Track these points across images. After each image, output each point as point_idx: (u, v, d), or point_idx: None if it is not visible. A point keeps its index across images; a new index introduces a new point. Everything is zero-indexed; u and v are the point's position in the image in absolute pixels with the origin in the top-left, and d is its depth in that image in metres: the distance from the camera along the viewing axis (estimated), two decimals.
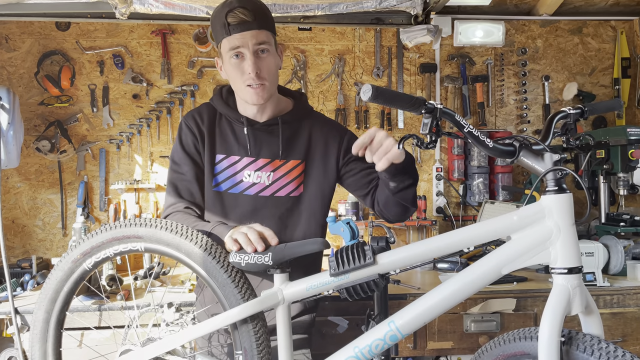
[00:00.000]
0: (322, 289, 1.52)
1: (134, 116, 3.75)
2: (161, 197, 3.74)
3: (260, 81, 1.85)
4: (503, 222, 1.39)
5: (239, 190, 1.95)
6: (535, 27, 4.01)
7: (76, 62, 3.71)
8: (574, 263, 1.31)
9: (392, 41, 3.92)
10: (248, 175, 1.95)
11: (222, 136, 1.98)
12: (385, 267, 1.46)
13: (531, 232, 1.35)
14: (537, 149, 1.39)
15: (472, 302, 2.62)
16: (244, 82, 1.86)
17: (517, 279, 2.80)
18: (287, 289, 1.55)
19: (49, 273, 1.77)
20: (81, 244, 1.68)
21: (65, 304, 1.71)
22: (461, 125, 1.38)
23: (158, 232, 1.61)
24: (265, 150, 1.97)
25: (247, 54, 1.83)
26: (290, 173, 1.98)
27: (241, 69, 1.85)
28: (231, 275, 1.57)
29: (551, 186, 1.34)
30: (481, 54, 3.99)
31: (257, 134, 1.97)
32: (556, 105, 4.00)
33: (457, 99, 3.92)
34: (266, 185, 1.95)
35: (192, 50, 3.78)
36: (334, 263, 1.48)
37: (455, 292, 1.40)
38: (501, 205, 3.49)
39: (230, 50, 1.84)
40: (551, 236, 1.32)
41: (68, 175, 3.70)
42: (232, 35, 1.82)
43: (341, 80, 3.87)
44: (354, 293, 1.48)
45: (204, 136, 1.97)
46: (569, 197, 1.33)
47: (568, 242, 1.31)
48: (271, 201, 1.95)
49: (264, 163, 1.96)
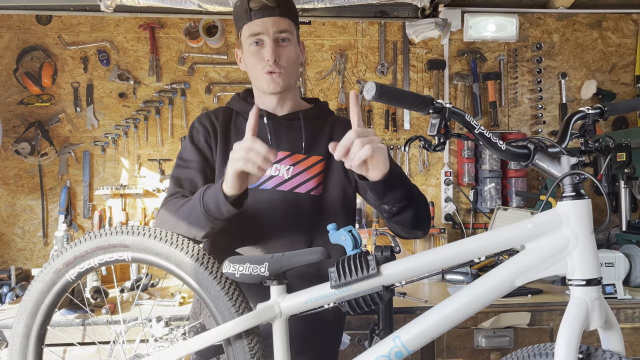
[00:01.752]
0: (323, 301, 1.50)
1: (120, 116, 3.76)
2: (149, 203, 3.75)
3: (278, 69, 1.91)
4: (516, 230, 1.38)
5: (255, 185, 1.94)
6: (551, 21, 4.03)
7: (58, 58, 3.72)
8: (592, 274, 1.30)
9: (397, 36, 3.93)
10: None
11: (238, 132, 2.00)
12: (390, 279, 1.46)
13: (547, 241, 1.33)
14: (553, 152, 1.38)
15: (484, 316, 2.62)
16: (262, 69, 1.92)
17: (531, 292, 2.81)
18: (284, 301, 1.54)
19: (28, 285, 1.77)
20: (63, 253, 1.67)
21: (46, 318, 1.71)
22: (472, 126, 1.37)
23: (146, 241, 1.61)
24: (285, 143, 1.98)
25: (267, 40, 1.89)
26: (311, 169, 1.98)
27: (260, 56, 1.91)
28: (224, 287, 1.56)
29: (568, 191, 1.34)
30: (493, 50, 4.00)
31: (276, 127, 2.00)
32: (573, 104, 4.01)
33: (468, 98, 3.93)
34: (285, 179, 1.95)
35: (183, 46, 3.79)
36: (335, 274, 1.47)
37: (465, 305, 1.39)
38: (515, 212, 3.50)
39: (250, 36, 1.90)
40: (568, 245, 1.31)
41: (49, 180, 3.71)
42: (253, 20, 1.89)
43: (343, 77, 3.88)
44: (356, 306, 1.47)
45: (217, 132, 2.01)
46: (587, 204, 1.32)
47: (586, 252, 1.30)
48: (290, 197, 1.93)
49: (283, 155, 1.97)
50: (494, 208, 3.72)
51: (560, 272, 1.33)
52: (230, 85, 3.80)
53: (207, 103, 3.79)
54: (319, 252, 1.52)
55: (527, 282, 1.36)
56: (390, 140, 3.88)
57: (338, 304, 1.48)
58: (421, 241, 3.69)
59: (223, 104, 3.72)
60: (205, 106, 3.78)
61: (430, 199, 3.88)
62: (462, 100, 3.91)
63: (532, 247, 1.35)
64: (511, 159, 1.41)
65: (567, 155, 1.35)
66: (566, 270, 1.32)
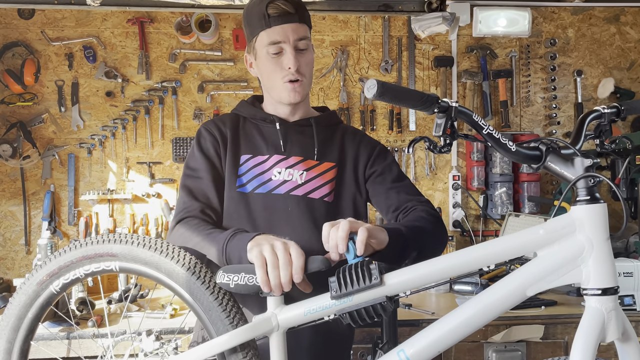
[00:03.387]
0: (322, 313, 1.50)
1: (108, 117, 3.77)
2: (138, 209, 3.76)
3: (300, 77, 1.96)
4: (527, 236, 1.38)
5: (267, 190, 1.98)
6: (566, 15, 4.04)
7: (41, 54, 3.73)
8: (609, 283, 1.30)
9: (402, 31, 3.95)
10: (278, 172, 1.99)
11: (248, 138, 2.06)
12: (394, 289, 1.46)
13: (560, 248, 1.33)
14: (566, 154, 1.39)
15: (494, 329, 2.63)
16: (282, 78, 1.96)
17: (545, 303, 2.82)
18: (282, 313, 1.54)
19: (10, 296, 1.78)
20: (47, 263, 1.67)
21: (29, 333, 1.71)
22: (480, 126, 1.38)
23: (134, 250, 1.60)
24: (298, 149, 2.03)
25: (287, 48, 1.93)
26: (324, 175, 2.03)
27: (280, 65, 1.95)
28: (218, 297, 1.56)
29: (582, 195, 1.33)
30: (504, 46, 4.02)
31: (288, 132, 2.05)
32: (589, 104, 4.02)
33: (477, 97, 3.94)
34: (299, 183, 1.99)
35: (174, 42, 3.81)
36: (336, 284, 1.47)
37: (473, 317, 1.39)
38: (527, 219, 3.51)
39: (270, 44, 1.93)
40: (583, 252, 1.31)
41: (32, 185, 3.72)
42: (272, 27, 1.92)
43: (344, 75, 3.90)
44: (358, 318, 1.47)
45: (226, 139, 2.04)
46: (603, 208, 1.32)
47: (602, 259, 1.30)
48: (304, 202, 1.97)
49: (296, 161, 2.01)
50: (505, 214, 3.73)
51: (574, 281, 1.33)
52: (224, 84, 3.81)
53: (199, 102, 3.80)
54: (319, 261, 1.53)
55: (539, 292, 1.37)
56: (394, 142, 3.89)
57: (339, 315, 1.48)
58: None
59: (217, 103, 3.75)
60: (197, 105, 3.79)
61: (437, 205, 3.90)
62: (471, 100, 3.92)
63: (545, 254, 1.36)
64: (522, 161, 1.41)
65: (581, 157, 1.35)
66: (581, 279, 1.32)
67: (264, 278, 1.50)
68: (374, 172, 2.07)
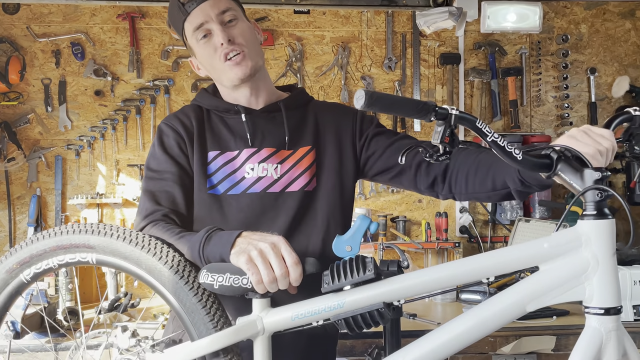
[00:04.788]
0: (311, 318, 1.50)
1: (97, 117, 3.79)
2: (129, 214, 3.77)
3: (237, 48, 1.90)
4: (530, 249, 1.38)
5: (242, 190, 1.93)
6: (579, 10, 4.06)
7: (27, 51, 3.75)
8: (612, 302, 1.30)
9: (406, 27, 3.96)
10: (251, 169, 1.94)
11: (214, 132, 2.00)
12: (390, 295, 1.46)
13: (564, 263, 1.34)
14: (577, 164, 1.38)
15: (503, 340, 2.64)
16: (220, 58, 1.91)
17: (557, 313, 2.83)
18: (268, 317, 1.53)
19: None
20: (18, 251, 1.66)
21: None
22: (484, 133, 1.35)
23: (114, 243, 1.59)
24: (269, 139, 1.98)
25: (212, 26, 1.89)
26: (301, 163, 1.98)
27: (212, 46, 1.91)
28: (202, 298, 1.55)
29: (590, 210, 1.33)
30: (514, 42, 4.03)
31: (256, 122, 1.99)
32: (603, 103, 4.04)
33: (485, 96, 3.96)
34: (275, 178, 1.94)
35: (167, 38, 3.82)
36: (329, 277, 1.48)
37: (470, 330, 1.40)
38: (537, 224, 3.52)
39: (195, 31, 1.91)
40: (587, 269, 1.32)
41: (17, 188, 3.74)
42: (190, 13, 1.90)
43: (345, 73, 3.91)
44: (354, 325, 1.48)
45: (192, 135, 1.98)
46: (610, 224, 1.32)
47: (607, 278, 1.31)
48: (282, 198, 1.93)
49: (268, 153, 1.96)
50: (514, 219, 3.73)
51: (577, 299, 1.34)
52: None
53: None
54: (309, 263, 1.53)
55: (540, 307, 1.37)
56: None
57: (334, 322, 1.49)
58: (433, 256, 3.71)
59: None
60: None
61: (444, 210, 3.91)
62: (479, 99, 3.93)
63: (548, 269, 1.36)
64: (530, 169, 1.41)
65: (591, 169, 1.34)
66: (584, 297, 1.33)
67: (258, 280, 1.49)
68: (366, 137, 2.04)
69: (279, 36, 3.88)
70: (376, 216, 3.80)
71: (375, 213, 3.84)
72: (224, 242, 1.58)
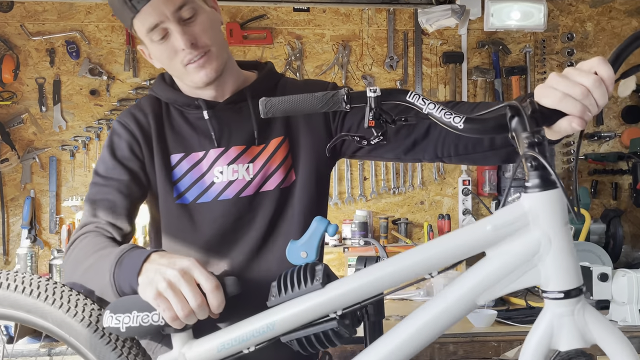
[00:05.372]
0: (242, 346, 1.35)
1: (92, 117, 3.79)
2: None
3: (201, 50, 1.67)
4: (472, 234, 1.25)
5: (212, 197, 1.78)
6: (585, 8, 4.06)
7: (21, 50, 3.75)
8: (571, 283, 1.17)
9: (408, 25, 3.97)
10: (220, 172, 1.79)
11: (175, 131, 1.82)
12: (334, 302, 1.32)
13: (512, 246, 1.21)
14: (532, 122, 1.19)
15: (507, 345, 2.63)
16: (181, 62, 1.68)
17: None
18: (191, 351, 1.40)
19: None
20: None
21: None
22: (417, 106, 1.25)
23: (12, 295, 1.43)
24: (237, 136, 1.81)
25: (170, 26, 1.64)
26: (274, 158, 1.82)
27: (172, 48, 1.67)
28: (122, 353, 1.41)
29: (533, 181, 1.18)
30: (518, 41, 4.03)
31: (221, 117, 1.80)
32: (609, 103, 4.03)
33: (489, 96, 3.96)
34: (247, 180, 1.79)
35: None
36: (275, 289, 1.35)
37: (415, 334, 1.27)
38: None
39: (149, 32, 1.65)
40: (539, 250, 1.18)
41: (11, 190, 3.74)
42: (140, 11, 1.62)
43: (346, 72, 3.91)
44: (307, 345, 1.35)
45: (149, 135, 1.80)
46: (557, 194, 1.18)
47: (562, 256, 1.18)
48: (258, 200, 1.79)
49: (237, 152, 1.80)
50: None
51: (533, 284, 1.22)
52: None
53: None
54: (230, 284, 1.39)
55: (493, 299, 1.28)
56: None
57: (287, 342, 1.36)
58: None
59: None
60: None
61: (446, 211, 3.91)
62: (483, 98, 3.93)
63: (495, 255, 1.23)
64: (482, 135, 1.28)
65: (526, 132, 1.18)
66: (539, 281, 1.20)
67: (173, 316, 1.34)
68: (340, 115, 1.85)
69: (278, 34, 3.88)
70: (377, 218, 3.80)
71: (376, 215, 3.84)
72: (131, 268, 1.43)
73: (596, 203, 3.94)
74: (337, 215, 3.85)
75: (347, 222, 3.76)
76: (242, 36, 3.80)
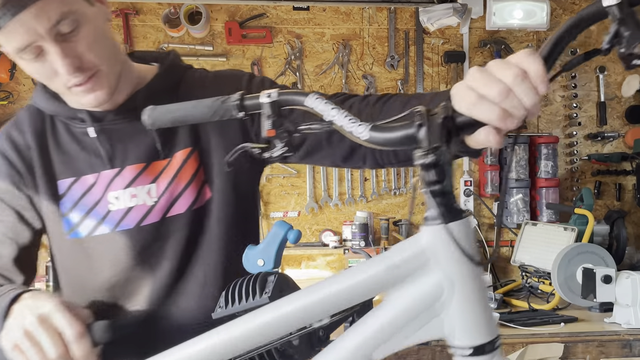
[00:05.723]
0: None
1: None
2: None
3: (88, 72, 1.36)
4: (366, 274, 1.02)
5: (110, 229, 1.50)
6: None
7: None
8: (482, 337, 0.96)
9: (409, 24, 3.96)
10: (115, 198, 1.50)
11: (62, 150, 1.52)
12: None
13: (409, 290, 0.99)
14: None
15: (509, 348, 2.63)
16: (64, 85, 1.37)
17: (564, 319, 2.82)
18: None
19: None
20: None
21: None
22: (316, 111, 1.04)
23: None
24: (133, 153, 1.50)
25: (46, 46, 1.31)
26: (182, 174, 1.52)
27: (51, 68, 1.34)
28: None
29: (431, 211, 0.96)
30: (520, 40, 4.03)
31: (112, 131, 1.49)
32: (613, 102, 4.03)
33: None
34: (150, 205, 1.50)
35: (162, 35, 3.81)
36: (223, 299, 1.22)
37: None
38: (545, 228, 3.51)
39: (19, 52, 1.32)
40: (441, 296, 0.97)
41: None
42: (4, 27, 1.27)
43: (346, 71, 3.91)
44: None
45: (30, 162, 1.51)
46: (463, 225, 0.96)
47: (468, 305, 0.96)
48: (165, 227, 1.51)
49: (135, 173, 1.50)
50: (521, 223, 3.72)
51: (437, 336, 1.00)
52: None
53: None
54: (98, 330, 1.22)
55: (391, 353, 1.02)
56: None
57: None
58: None
59: None
60: None
61: None
62: None
63: (392, 300, 1.02)
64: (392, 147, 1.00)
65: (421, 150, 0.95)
66: (443, 333, 0.99)
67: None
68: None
69: (278, 33, 3.87)
70: (378, 219, 3.79)
71: (377, 216, 3.83)
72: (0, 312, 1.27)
73: (599, 204, 3.93)
74: (338, 216, 3.85)
75: (347, 223, 3.75)
76: (241, 35, 3.78)
